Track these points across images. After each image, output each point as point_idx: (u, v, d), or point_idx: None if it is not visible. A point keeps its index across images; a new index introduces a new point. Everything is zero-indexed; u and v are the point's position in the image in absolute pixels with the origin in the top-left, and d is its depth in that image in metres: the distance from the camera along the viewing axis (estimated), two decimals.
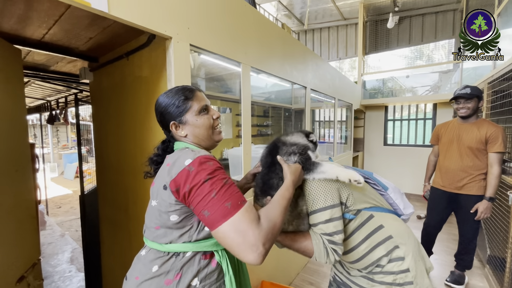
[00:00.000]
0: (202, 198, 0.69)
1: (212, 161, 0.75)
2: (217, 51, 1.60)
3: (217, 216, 0.68)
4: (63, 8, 1.22)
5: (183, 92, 0.87)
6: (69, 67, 2.34)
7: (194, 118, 0.86)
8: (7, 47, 1.33)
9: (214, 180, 0.71)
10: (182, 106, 0.85)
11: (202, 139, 0.89)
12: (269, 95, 5.03)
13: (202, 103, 0.88)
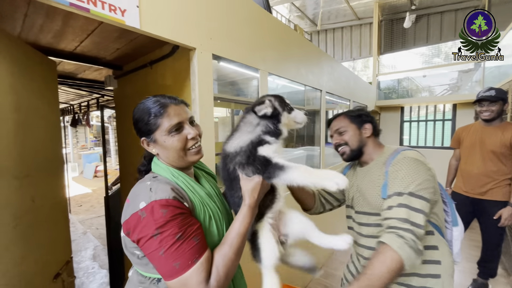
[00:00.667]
0: (149, 253, 0.65)
1: (167, 208, 0.65)
2: (237, 59, 1.65)
3: (164, 272, 0.65)
4: (96, 24, 1.31)
5: (153, 107, 0.75)
6: (95, 75, 2.46)
7: (162, 138, 0.75)
8: (44, 59, 1.43)
9: (163, 236, 0.63)
10: (151, 124, 0.74)
11: (173, 161, 0.78)
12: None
13: (173, 122, 0.74)
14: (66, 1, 0.88)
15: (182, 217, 0.67)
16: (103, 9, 0.98)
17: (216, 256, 0.69)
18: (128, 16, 1.05)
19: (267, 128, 0.78)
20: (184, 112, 0.78)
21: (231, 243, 0.70)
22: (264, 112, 0.78)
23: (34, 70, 1.31)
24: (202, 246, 0.68)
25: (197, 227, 0.70)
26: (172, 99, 0.78)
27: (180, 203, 0.70)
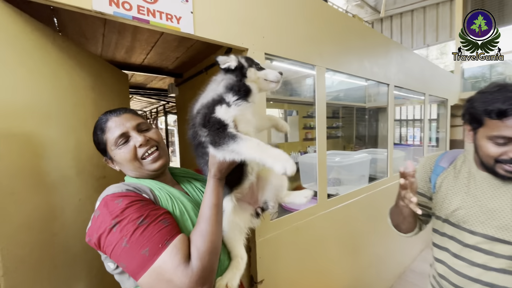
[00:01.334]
0: (113, 249, 0.57)
1: (121, 197, 0.61)
2: (291, 57, 1.53)
3: (134, 267, 0.56)
4: (158, 35, 1.39)
5: (98, 126, 0.75)
6: (160, 84, 2.71)
7: (113, 153, 0.73)
8: (118, 72, 1.61)
9: (123, 225, 0.57)
10: (101, 143, 0.74)
11: (135, 173, 0.75)
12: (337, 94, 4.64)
13: (116, 134, 0.71)
14: (129, 15, 0.93)
15: (142, 203, 0.61)
16: (161, 19, 1.01)
17: (193, 236, 0.61)
18: (183, 23, 1.07)
19: (230, 83, 0.68)
20: (127, 120, 0.74)
21: (206, 217, 0.63)
22: (227, 65, 0.70)
23: (110, 82, 1.49)
24: (173, 228, 0.61)
25: (164, 212, 0.63)
26: (113, 112, 0.75)
27: (137, 194, 0.65)
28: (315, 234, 1.71)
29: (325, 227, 1.78)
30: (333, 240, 1.86)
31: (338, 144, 5.42)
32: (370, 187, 2.23)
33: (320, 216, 1.74)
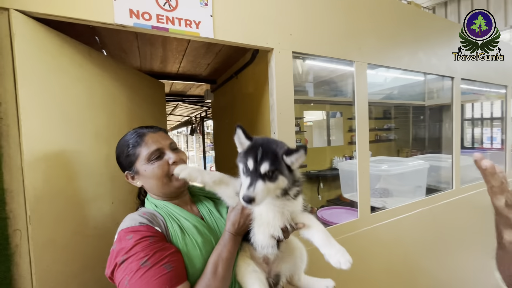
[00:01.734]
0: (118, 285, 0.58)
1: (132, 233, 0.61)
2: (324, 53, 1.38)
3: None
4: (186, 43, 1.41)
5: (131, 139, 0.75)
6: (198, 91, 2.82)
7: (143, 167, 0.73)
8: (156, 82, 1.71)
9: (129, 262, 0.58)
10: (131, 155, 0.74)
11: (158, 190, 0.75)
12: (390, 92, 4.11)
13: (152, 148, 0.73)
14: (149, 25, 0.95)
15: (151, 240, 0.61)
16: (180, 26, 1.00)
17: (196, 285, 0.62)
18: (202, 28, 1.04)
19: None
20: (163, 138, 0.77)
21: (214, 270, 0.63)
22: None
23: (146, 92, 1.58)
24: (176, 276, 0.59)
25: (171, 253, 0.62)
26: (149, 128, 0.78)
27: (149, 227, 0.65)
28: (355, 254, 1.48)
29: (368, 246, 1.54)
30: (378, 262, 1.60)
31: (390, 148, 4.83)
32: (428, 200, 1.86)
33: (362, 232, 1.51)
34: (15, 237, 0.77)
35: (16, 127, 0.77)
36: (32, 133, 0.80)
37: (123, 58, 1.59)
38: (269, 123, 1.30)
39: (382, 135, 4.78)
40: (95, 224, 1.04)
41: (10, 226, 0.77)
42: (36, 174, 0.81)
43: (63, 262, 0.89)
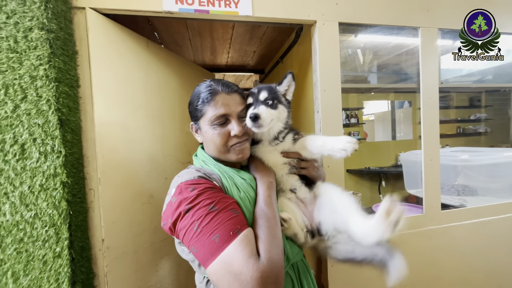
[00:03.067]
0: (185, 233, 0.57)
1: (194, 185, 0.61)
2: (378, 21, 1.21)
3: (204, 253, 0.55)
4: (230, 30, 1.46)
5: (203, 92, 0.70)
6: (249, 83, 2.90)
7: (206, 128, 0.70)
8: (205, 72, 1.83)
9: (195, 210, 0.57)
10: (198, 110, 0.70)
11: (214, 154, 0.73)
12: (482, 75, 3.33)
13: (218, 112, 0.67)
14: (192, 9, 1.02)
15: (213, 191, 0.62)
16: (220, 7, 1.04)
17: (258, 231, 0.61)
18: (241, 6, 1.05)
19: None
20: (234, 103, 0.70)
21: (264, 215, 0.64)
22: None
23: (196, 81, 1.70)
24: (243, 219, 0.61)
25: (233, 202, 0.63)
26: (225, 86, 0.70)
27: (208, 180, 0.65)
28: (418, 255, 1.26)
29: (436, 249, 1.28)
30: (450, 271, 1.31)
31: (479, 144, 3.92)
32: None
33: (428, 231, 1.27)
34: (90, 194, 0.95)
35: (91, 105, 0.94)
36: (101, 110, 0.96)
37: (178, 52, 1.76)
38: (312, 102, 1.22)
39: (467, 127, 3.93)
40: (150, 193, 1.18)
41: (87, 185, 0.94)
42: (104, 144, 0.97)
43: (124, 222, 1.04)
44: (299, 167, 0.80)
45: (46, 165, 0.80)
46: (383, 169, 3.44)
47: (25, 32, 0.77)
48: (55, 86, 0.80)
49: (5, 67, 0.76)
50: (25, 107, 0.78)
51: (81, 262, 0.88)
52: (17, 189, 0.78)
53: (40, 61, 0.78)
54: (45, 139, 0.80)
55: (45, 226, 0.80)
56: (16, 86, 0.77)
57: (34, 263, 0.80)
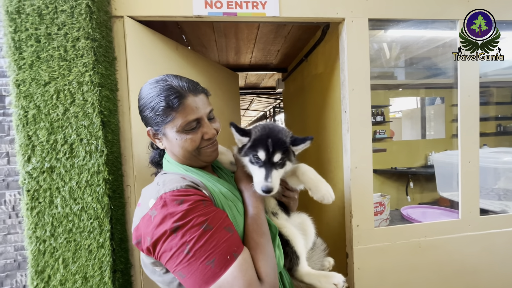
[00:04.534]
0: (171, 257, 0.49)
1: (182, 197, 0.52)
2: (412, 15, 1.15)
3: (196, 280, 0.47)
4: (255, 30, 1.47)
5: (167, 96, 0.59)
6: (271, 82, 2.89)
7: (174, 134, 0.61)
8: (229, 72, 1.87)
9: (186, 229, 0.49)
10: (162, 115, 0.60)
11: (185, 160, 0.65)
12: None
13: (190, 118, 0.60)
14: (220, 12, 1.04)
15: (205, 204, 0.53)
16: (247, 8, 1.05)
17: (253, 252, 0.55)
18: (268, 7, 1.06)
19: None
20: (203, 105, 0.63)
21: (255, 230, 0.59)
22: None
23: (222, 81, 1.75)
24: (238, 238, 0.55)
25: (226, 217, 0.56)
26: (190, 85, 0.63)
27: (197, 190, 0.56)
28: (453, 262, 1.20)
29: (474, 255, 1.20)
30: (488, 279, 1.23)
31: None
32: None
33: (465, 237, 1.20)
34: (127, 190, 1.02)
35: (128, 107, 1.01)
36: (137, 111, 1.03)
37: (203, 53, 1.81)
38: (339, 101, 1.20)
39: (509, 125, 3.59)
40: None
41: (124, 182, 1.01)
42: (139, 143, 1.03)
43: None
44: (282, 194, 0.74)
45: (91, 163, 0.87)
46: (411, 169, 3.27)
47: (73, 42, 0.84)
48: (99, 91, 0.87)
49: (56, 74, 0.84)
50: (73, 110, 0.86)
51: (120, 253, 0.95)
52: (67, 184, 0.87)
53: (86, 68, 0.85)
54: (90, 139, 0.87)
55: (90, 218, 0.88)
56: (66, 91, 0.85)
57: (81, 251, 0.88)
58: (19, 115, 0.83)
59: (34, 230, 0.86)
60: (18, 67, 0.82)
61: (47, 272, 0.87)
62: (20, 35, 0.82)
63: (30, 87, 0.83)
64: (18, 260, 1.07)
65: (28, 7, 0.82)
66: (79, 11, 0.83)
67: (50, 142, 0.85)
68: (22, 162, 0.84)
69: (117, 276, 0.92)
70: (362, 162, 1.13)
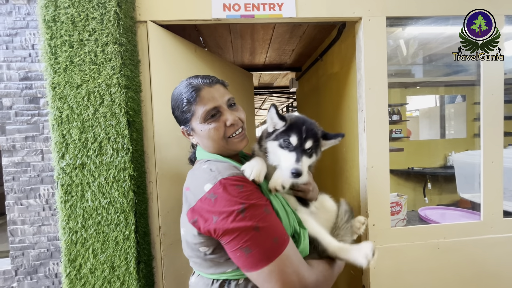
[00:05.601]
0: (239, 234, 0.52)
1: (242, 183, 0.57)
2: (432, 12, 1.13)
3: (262, 254, 0.52)
4: (271, 31, 1.49)
5: (186, 92, 0.67)
6: (284, 81, 2.90)
7: (199, 127, 0.67)
8: (244, 72, 1.91)
9: (252, 210, 0.54)
10: (186, 112, 0.67)
11: (215, 150, 0.69)
12: None
13: (208, 107, 0.65)
14: (238, 15, 1.07)
15: (258, 193, 0.59)
16: (264, 10, 1.08)
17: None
18: (285, 8, 1.08)
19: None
20: (220, 94, 0.68)
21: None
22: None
23: (237, 80, 1.78)
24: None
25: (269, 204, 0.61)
26: (205, 79, 0.69)
27: (246, 178, 0.61)
28: (474, 265, 1.17)
29: (496, 258, 1.17)
30: None
31: None
32: None
33: (487, 240, 1.17)
34: (149, 187, 1.07)
35: (150, 107, 1.06)
36: (158, 111, 1.08)
37: (219, 54, 1.85)
38: (355, 100, 1.20)
39: None
40: None
41: (147, 178, 1.07)
42: (161, 142, 1.08)
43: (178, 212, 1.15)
44: (297, 190, 0.75)
45: (117, 160, 0.93)
46: (429, 170, 3.17)
47: (102, 47, 0.90)
48: (125, 92, 0.92)
49: (88, 77, 0.90)
50: (102, 110, 0.91)
51: (143, 245, 1.00)
52: (96, 179, 0.93)
53: (113, 71, 0.91)
54: (117, 138, 0.93)
55: (117, 212, 0.94)
56: (96, 93, 0.91)
57: (108, 242, 0.94)
58: (55, 115, 0.90)
59: (67, 221, 0.93)
60: (54, 71, 0.89)
61: (79, 260, 0.94)
62: (56, 42, 0.89)
63: (64, 90, 0.90)
64: (51, 250, 1.15)
65: (62, 15, 0.88)
66: (108, 18, 0.89)
67: (82, 140, 0.92)
68: (57, 159, 0.91)
69: (141, 267, 0.98)
70: (379, 161, 1.13)
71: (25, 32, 1.06)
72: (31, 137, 1.10)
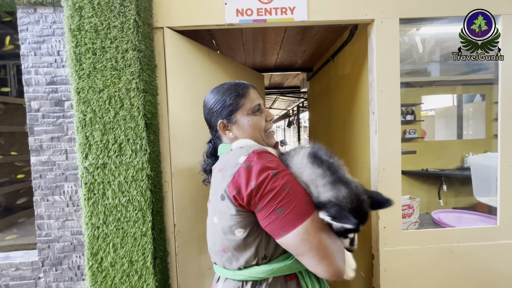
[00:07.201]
0: (274, 195, 0.57)
1: (269, 154, 0.64)
2: (448, 12, 1.11)
3: (295, 214, 0.56)
4: (282, 33, 1.51)
5: (235, 88, 0.76)
6: (295, 81, 2.90)
7: (245, 118, 0.75)
8: (255, 73, 1.93)
9: (284, 174, 0.60)
10: (234, 103, 0.74)
11: (255, 140, 0.76)
12: None
13: (255, 102, 0.76)
14: (250, 20, 1.10)
15: (284, 166, 0.64)
16: (276, 15, 1.10)
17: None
18: (297, 12, 1.09)
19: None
20: (259, 97, 0.79)
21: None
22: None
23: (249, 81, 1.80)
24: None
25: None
26: (250, 84, 0.80)
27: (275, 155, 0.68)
28: (489, 271, 1.14)
29: None
30: None
31: None
32: None
33: (503, 246, 1.14)
34: (165, 186, 1.12)
35: (166, 110, 1.11)
36: (174, 113, 1.13)
37: (231, 56, 1.89)
38: (367, 102, 1.20)
39: None
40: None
41: (162, 177, 1.12)
42: (176, 143, 1.13)
43: (191, 210, 1.21)
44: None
45: (136, 161, 0.98)
46: (444, 172, 3.07)
47: (123, 53, 0.95)
48: (143, 96, 0.97)
49: (109, 82, 0.96)
50: (122, 113, 0.97)
51: (159, 242, 1.06)
52: (116, 179, 0.99)
53: (133, 76, 0.96)
54: (135, 140, 0.98)
55: (135, 210, 0.99)
56: (116, 97, 0.96)
57: (127, 238, 1.00)
58: (79, 118, 0.96)
59: (90, 217, 0.99)
60: (78, 76, 0.95)
61: (100, 254, 1.00)
62: (80, 49, 0.95)
63: (88, 94, 0.96)
64: (74, 244, 1.23)
65: (86, 24, 0.94)
66: (128, 26, 0.94)
67: (103, 141, 0.97)
68: (81, 159, 0.98)
69: (157, 262, 1.03)
70: (390, 164, 1.12)
71: (51, 39, 1.13)
72: (56, 137, 1.17)
